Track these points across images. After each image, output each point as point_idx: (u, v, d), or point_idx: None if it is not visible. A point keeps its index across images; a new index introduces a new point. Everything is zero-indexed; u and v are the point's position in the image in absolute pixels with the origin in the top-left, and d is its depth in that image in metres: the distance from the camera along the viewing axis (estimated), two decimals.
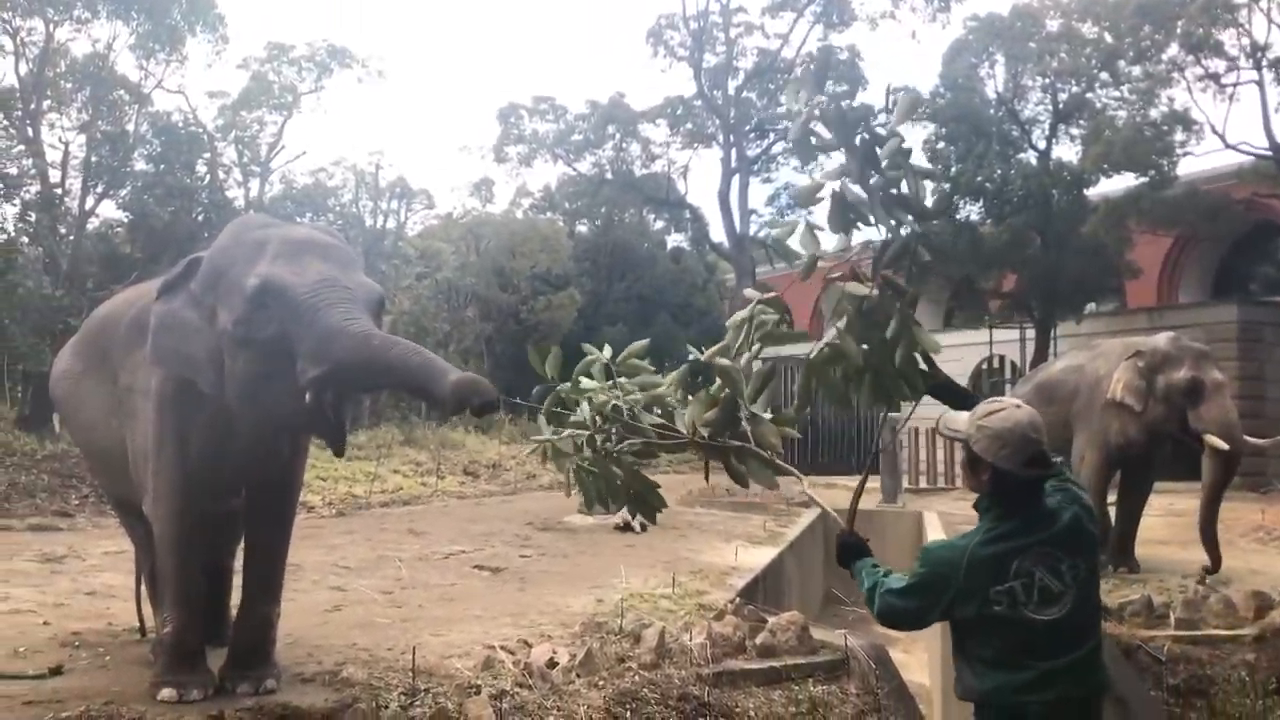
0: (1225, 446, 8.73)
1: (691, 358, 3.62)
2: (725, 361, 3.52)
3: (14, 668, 5.26)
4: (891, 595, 3.00)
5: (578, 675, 5.48)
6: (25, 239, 18.93)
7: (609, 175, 27.66)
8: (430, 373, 4.19)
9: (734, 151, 24.52)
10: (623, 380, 3.76)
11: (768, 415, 3.60)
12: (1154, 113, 20.57)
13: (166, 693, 4.71)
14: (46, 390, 19.35)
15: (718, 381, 3.54)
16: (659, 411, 3.72)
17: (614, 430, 3.64)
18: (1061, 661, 2.74)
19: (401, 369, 4.26)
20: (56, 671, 5.19)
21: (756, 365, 3.55)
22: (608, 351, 3.85)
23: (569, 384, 3.79)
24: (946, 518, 13.87)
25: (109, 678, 5.11)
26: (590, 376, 3.79)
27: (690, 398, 3.65)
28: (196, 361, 4.75)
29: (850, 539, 3.31)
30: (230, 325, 4.57)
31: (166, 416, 4.97)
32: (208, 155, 22.57)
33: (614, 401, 3.64)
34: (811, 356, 3.41)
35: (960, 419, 3.07)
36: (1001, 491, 2.90)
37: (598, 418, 3.66)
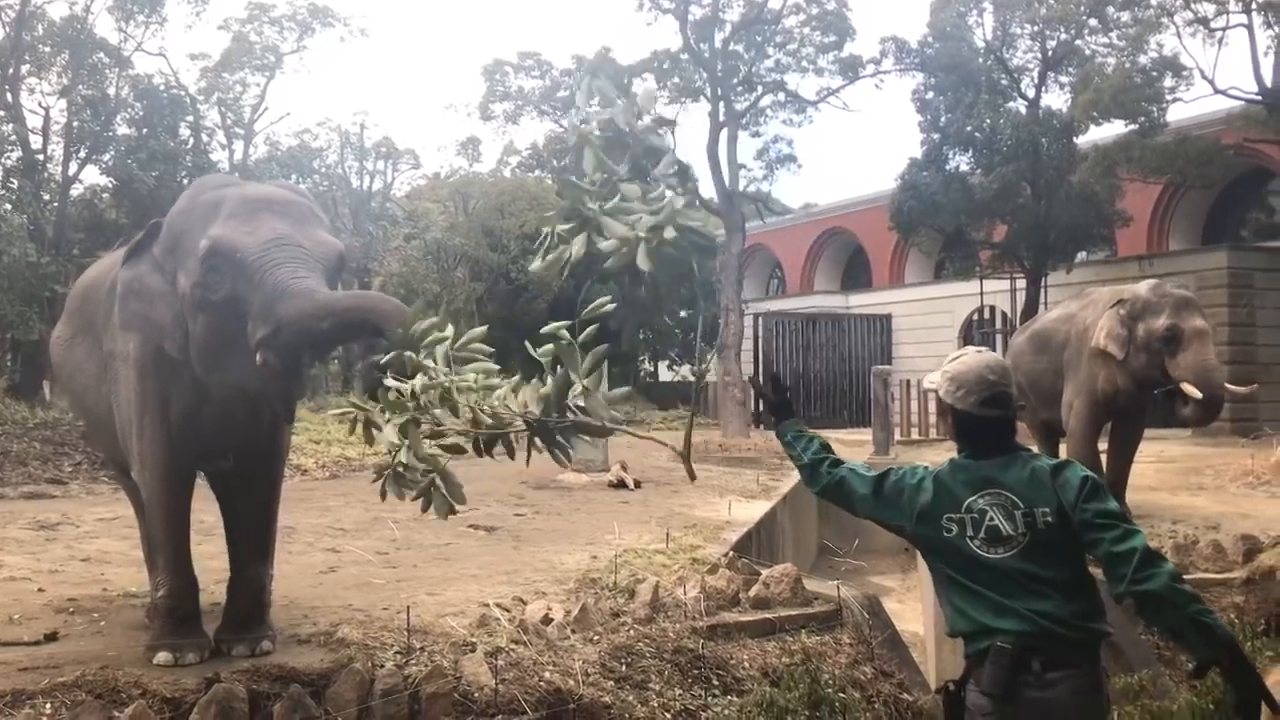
0: (1199, 395, 8.75)
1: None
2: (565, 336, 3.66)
3: (10, 634, 5.26)
4: (855, 476, 3.19)
5: (573, 631, 5.51)
6: (8, 206, 18.74)
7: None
8: (368, 305, 4.28)
9: (722, 105, 24.26)
10: (459, 367, 3.68)
11: (601, 391, 3.68)
12: (1143, 59, 20.40)
13: (162, 656, 4.71)
14: (35, 358, 19.32)
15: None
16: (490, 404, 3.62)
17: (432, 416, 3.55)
18: (1017, 603, 2.78)
19: (343, 315, 4.24)
20: (52, 637, 5.19)
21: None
22: (449, 330, 3.78)
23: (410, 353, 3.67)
24: None
25: (104, 643, 5.12)
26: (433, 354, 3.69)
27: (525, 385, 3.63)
28: (162, 326, 4.73)
29: (782, 401, 3.62)
30: (188, 288, 4.56)
31: (146, 381, 4.95)
32: (191, 118, 22.35)
33: (440, 386, 3.55)
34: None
35: (935, 374, 3.16)
36: (964, 433, 3.03)
37: (419, 401, 3.56)
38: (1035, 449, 3.83)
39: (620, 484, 12.82)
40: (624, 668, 5.22)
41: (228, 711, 4.13)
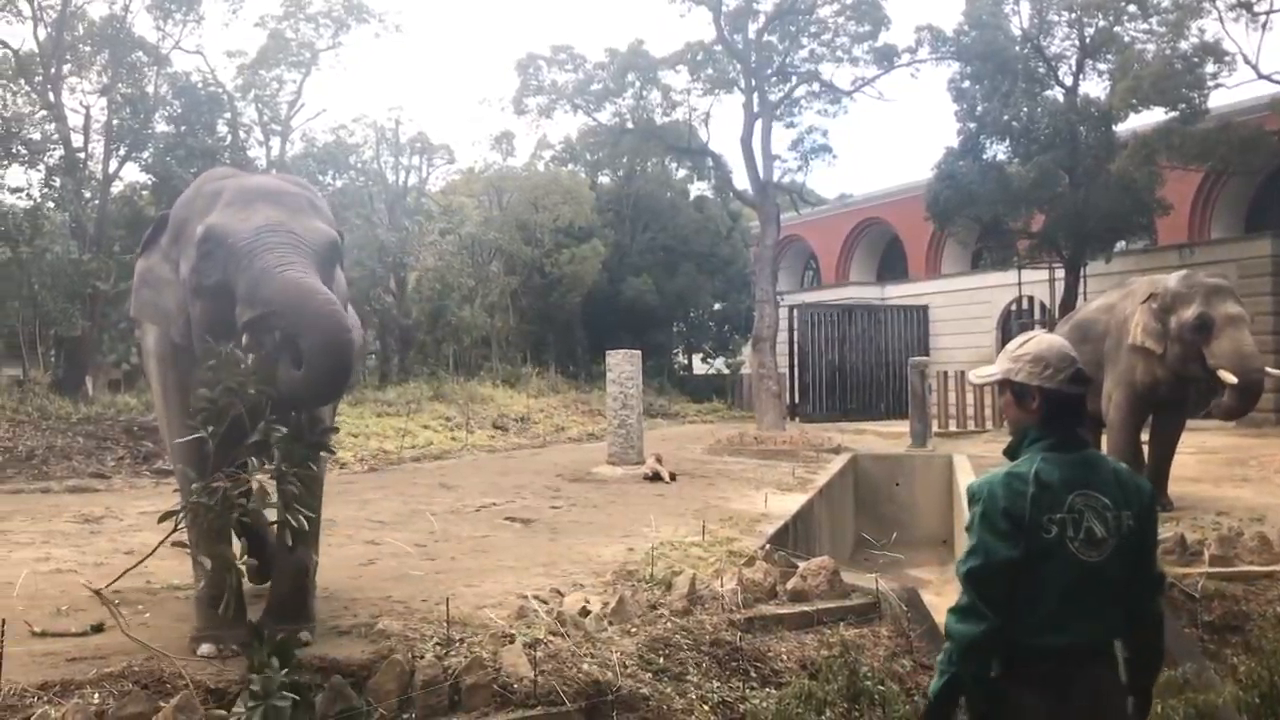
0: (1234, 380, 8.63)
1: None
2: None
3: (58, 626, 5.35)
4: (965, 564, 2.80)
5: (610, 623, 5.52)
6: (51, 204, 19.02)
7: (630, 125, 27.24)
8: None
9: (756, 96, 24.10)
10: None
11: None
12: (1184, 45, 20.10)
13: (205, 648, 4.77)
14: (78, 354, 19.55)
15: None
16: None
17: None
18: (1087, 607, 2.74)
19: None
20: (98, 629, 5.26)
21: None
22: None
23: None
24: (976, 460, 13.85)
25: (149, 634, 5.17)
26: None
27: None
28: (168, 312, 4.89)
29: None
30: (187, 274, 4.69)
31: (166, 371, 5.09)
32: (228, 115, 22.56)
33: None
34: None
35: (989, 367, 3.07)
36: (1053, 415, 2.88)
37: None
38: None
39: (655, 476, 12.83)
40: (662, 659, 5.23)
41: None
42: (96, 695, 4.15)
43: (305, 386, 4.34)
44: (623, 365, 14.68)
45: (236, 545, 5.06)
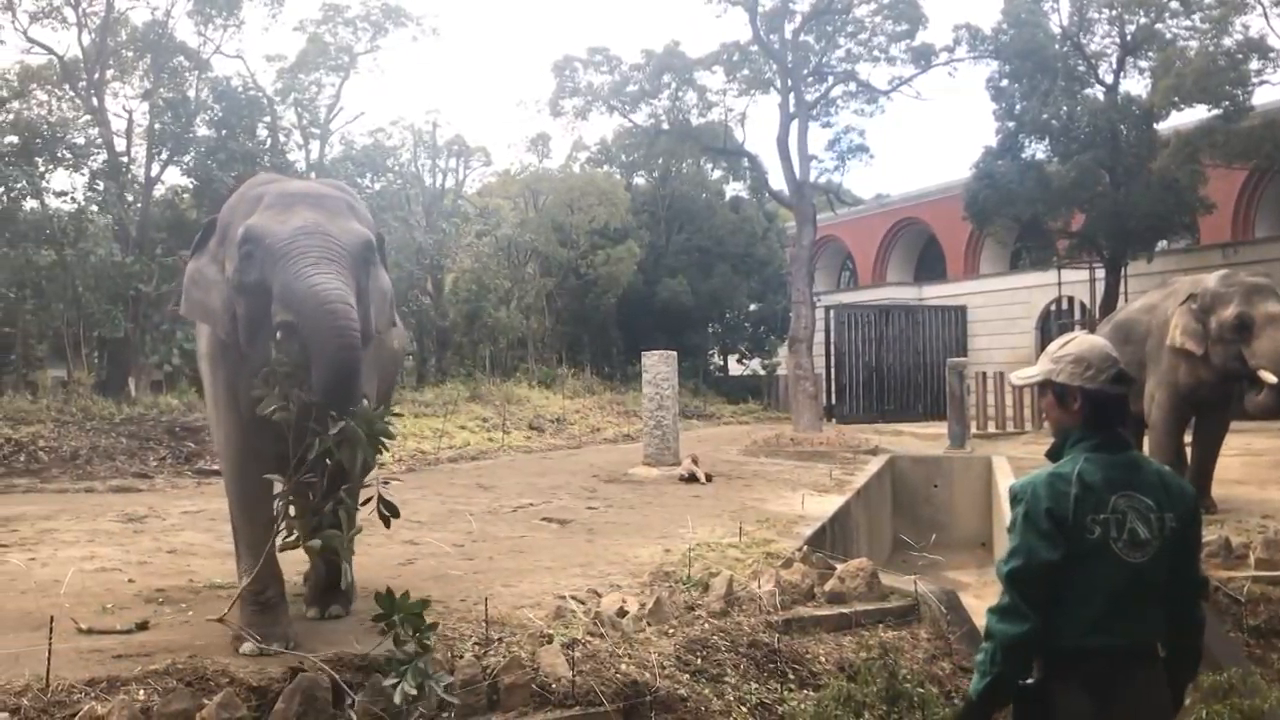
0: (1274, 380, 8.51)
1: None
2: None
3: (104, 623, 5.43)
4: (1006, 564, 2.80)
5: (648, 624, 5.53)
6: (95, 207, 19.30)
7: (665, 126, 27.18)
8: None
9: (792, 97, 23.98)
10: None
11: None
12: (1228, 41, 19.81)
13: (248, 646, 4.81)
14: (121, 355, 19.79)
15: None
16: None
17: None
18: (1133, 608, 2.73)
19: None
20: (143, 626, 5.34)
21: None
22: None
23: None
24: (1015, 462, 13.74)
25: (193, 632, 5.24)
26: None
27: None
28: (214, 311, 5.02)
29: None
30: (230, 273, 4.83)
31: (216, 371, 5.20)
32: (268, 119, 22.74)
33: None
34: None
35: (1030, 369, 3.06)
36: (1096, 417, 2.87)
37: None
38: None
39: (691, 478, 12.82)
40: (699, 661, 5.23)
41: (311, 700, 4.20)
42: (142, 692, 4.21)
43: (315, 393, 4.50)
44: (658, 366, 14.69)
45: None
